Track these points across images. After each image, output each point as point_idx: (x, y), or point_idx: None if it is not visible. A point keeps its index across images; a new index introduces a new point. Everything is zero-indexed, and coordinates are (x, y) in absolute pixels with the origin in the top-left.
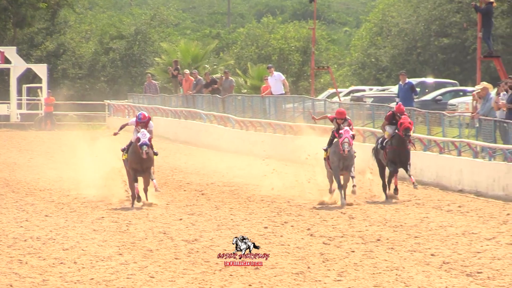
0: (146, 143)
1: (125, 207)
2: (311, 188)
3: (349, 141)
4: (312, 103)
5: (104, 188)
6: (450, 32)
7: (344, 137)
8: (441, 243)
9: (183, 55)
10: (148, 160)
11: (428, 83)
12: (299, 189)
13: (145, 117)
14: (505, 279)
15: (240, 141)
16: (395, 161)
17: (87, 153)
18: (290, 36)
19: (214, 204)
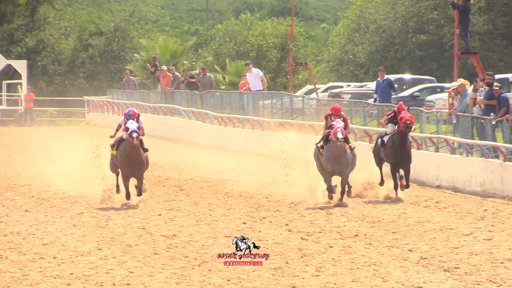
0: (135, 130)
1: (104, 202)
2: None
3: (342, 130)
4: (290, 100)
5: (83, 183)
6: (428, 28)
7: (336, 127)
8: (419, 239)
9: (161, 52)
10: (140, 165)
11: (406, 80)
12: (278, 186)
13: (134, 113)
14: (482, 275)
15: (218, 137)
16: (397, 162)
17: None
18: (268, 33)
19: (193, 200)
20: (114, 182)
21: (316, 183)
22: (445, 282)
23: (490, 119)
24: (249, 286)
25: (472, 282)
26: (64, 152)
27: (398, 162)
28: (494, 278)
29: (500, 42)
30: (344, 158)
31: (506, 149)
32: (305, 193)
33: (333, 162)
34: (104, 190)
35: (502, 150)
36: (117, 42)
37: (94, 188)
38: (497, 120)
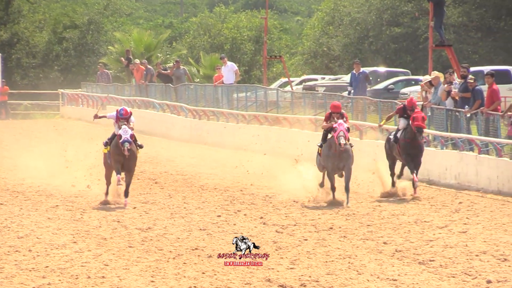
0: (128, 140)
1: (79, 195)
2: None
3: (345, 134)
4: (264, 92)
5: (59, 176)
6: (402, 21)
7: (339, 130)
8: (394, 232)
9: (136, 45)
10: (132, 158)
11: (380, 72)
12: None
13: (127, 113)
14: (457, 267)
15: (193, 130)
16: (410, 152)
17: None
18: (242, 26)
19: (168, 193)
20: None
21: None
22: (420, 275)
23: (464, 112)
24: (224, 279)
25: (447, 275)
26: (37, 145)
27: (410, 152)
28: (469, 271)
29: (475, 34)
30: (345, 152)
31: (481, 142)
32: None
33: (333, 159)
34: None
35: (476, 143)
36: (91, 35)
37: (66, 181)
38: (471, 113)
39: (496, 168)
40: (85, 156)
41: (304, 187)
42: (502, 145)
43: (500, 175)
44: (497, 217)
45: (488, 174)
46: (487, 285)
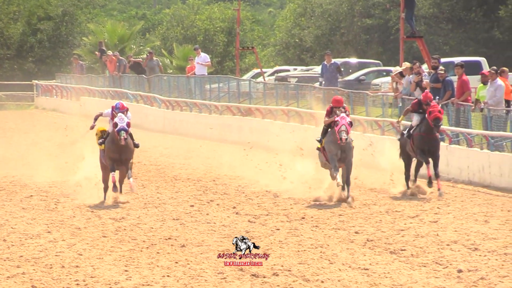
0: (124, 128)
1: (53, 186)
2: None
3: (347, 129)
4: (237, 83)
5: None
6: (373, 12)
7: (341, 124)
8: (365, 221)
9: (109, 36)
10: (128, 150)
11: (352, 63)
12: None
13: (123, 106)
14: (429, 257)
15: (166, 121)
16: (424, 149)
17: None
18: (215, 17)
19: (141, 183)
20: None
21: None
22: (391, 264)
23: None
24: (197, 268)
25: (418, 264)
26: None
27: (425, 148)
28: (440, 260)
29: (445, 26)
30: (346, 144)
31: (452, 132)
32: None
33: (335, 145)
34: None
35: (447, 133)
36: (65, 27)
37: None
38: (442, 104)
39: (466, 158)
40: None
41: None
42: (473, 135)
43: (470, 165)
44: (468, 207)
45: (458, 164)
46: (458, 274)
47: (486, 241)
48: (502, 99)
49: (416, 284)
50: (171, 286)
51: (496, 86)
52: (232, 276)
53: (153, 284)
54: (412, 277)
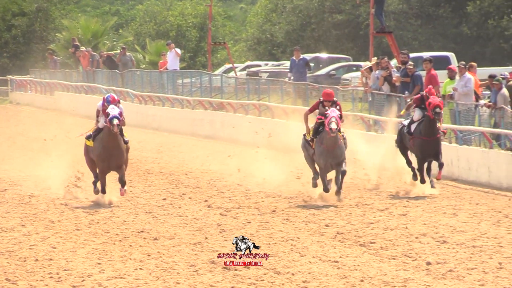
0: (116, 116)
1: (27, 179)
2: None
3: (336, 120)
4: (209, 78)
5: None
6: (344, 8)
7: (331, 116)
8: (335, 214)
9: (83, 32)
10: (118, 155)
11: (322, 59)
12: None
13: (114, 99)
14: (398, 249)
15: (139, 115)
16: (425, 155)
17: None
18: (187, 13)
19: (114, 177)
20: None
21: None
22: (361, 257)
23: (404, 97)
24: (169, 261)
25: (388, 257)
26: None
27: (426, 153)
28: (409, 253)
29: (415, 21)
30: (337, 149)
31: None
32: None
33: (326, 156)
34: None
35: None
36: (39, 23)
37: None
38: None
39: None
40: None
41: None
42: None
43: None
44: (436, 200)
45: None
46: (426, 266)
47: (454, 234)
48: (472, 90)
49: (386, 276)
50: (143, 278)
51: (466, 80)
52: (204, 269)
53: (126, 277)
54: (381, 269)
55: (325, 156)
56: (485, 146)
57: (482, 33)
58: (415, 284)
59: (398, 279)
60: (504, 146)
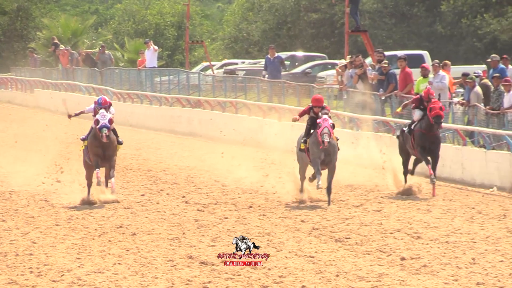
0: (106, 126)
1: (8, 176)
2: None
3: (329, 131)
4: (187, 76)
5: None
6: (319, 7)
7: (323, 126)
8: (311, 210)
9: (63, 30)
10: (111, 146)
11: (298, 57)
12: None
13: (106, 101)
14: (372, 245)
15: (117, 112)
16: (425, 146)
17: None
18: (165, 12)
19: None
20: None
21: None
22: (336, 252)
23: (379, 95)
24: (148, 256)
25: (363, 252)
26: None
27: (425, 146)
28: (384, 248)
29: (389, 20)
30: (330, 146)
31: (395, 124)
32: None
33: (319, 147)
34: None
35: (391, 124)
36: (20, 21)
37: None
38: (386, 96)
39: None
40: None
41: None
42: None
43: (413, 156)
44: (411, 196)
45: None
46: (401, 262)
47: (428, 229)
48: (447, 87)
49: (361, 271)
50: (122, 273)
51: (441, 77)
52: (181, 264)
53: (105, 272)
54: (356, 264)
55: (318, 147)
56: (459, 143)
57: (456, 32)
58: (389, 279)
59: (373, 274)
60: (477, 143)
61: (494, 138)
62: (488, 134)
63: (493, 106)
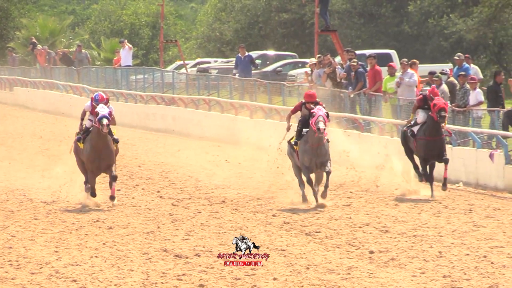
0: (106, 116)
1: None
2: None
3: (324, 119)
4: (161, 74)
5: None
6: (290, 8)
7: (318, 115)
8: (282, 205)
9: (41, 30)
10: (108, 156)
11: (269, 56)
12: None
13: (102, 98)
14: (342, 238)
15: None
16: (428, 156)
17: None
18: (140, 12)
19: (71, 170)
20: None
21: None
22: (306, 245)
23: (348, 93)
24: (123, 249)
25: (332, 245)
26: None
27: (430, 154)
28: (353, 242)
29: (358, 20)
30: (322, 147)
31: (364, 121)
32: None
33: (310, 154)
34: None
35: (360, 122)
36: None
37: None
38: (355, 94)
39: (377, 144)
40: None
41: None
42: (384, 123)
43: (381, 151)
44: (379, 191)
45: (370, 150)
46: (369, 255)
47: (396, 223)
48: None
49: (330, 264)
50: (99, 266)
51: (410, 75)
52: (156, 257)
53: (82, 264)
54: (326, 257)
55: (309, 154)
56: None
57: (423, 31)
58: (358, 271)
59: (342, 267)
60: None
61: (460, 135)
62: (454, 131)
63: (459, 104)
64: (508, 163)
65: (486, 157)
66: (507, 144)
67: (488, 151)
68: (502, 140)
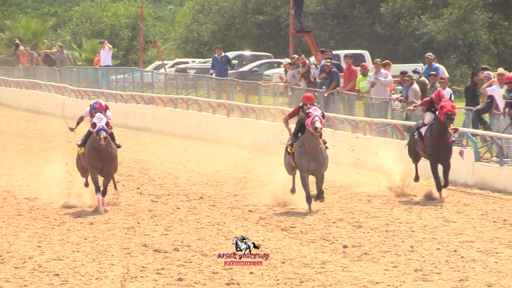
0: (104, 128)
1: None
2: None
3: (320, 119)
4: (140, 74)
5: None
6: (266, 9)
7: (314, 115)
8: (258, 201)
9: (24, 31)
10: (110, 161)
11: (246, 56)
12: None
13: (101, 106)
14: (316, 233)
15: (75, 108)
16: (435, 156)
17: None
18: (120, 14)
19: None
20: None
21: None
22: (282, 240)
23: (322, 92)
24: (104, 244)
25: (307, 240)
26: None
27: (438, 156)
28: (327, 236)
29: (331, 21)
30: (319, 153)
31: (337, 120)
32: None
33: (308, 158)
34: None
35: (333, 120)
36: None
37: None
38: (329, 93)
39: (350, 142)
40: None
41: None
42: (357, 122)
43: (355, 149)
44: (352, 188)
45: (343, 147)
46: (343, 249)
47: (369, 219)
48: (391, 82)
49: (305, 258)
50: (80, 260)
51: (385, 75)
52: (136, 251)
53: (64, 259)
54: (301, 252)
55: (307, 158)
56: (397, 137)
57: (395, 32)
58: (332, 265)
59: (317, 261)
60: None
61: None
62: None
63: None
64: (478, 160)
65: (456, 154)
66: (477, 142)
67: (458, 148)
68: (472, 138)
